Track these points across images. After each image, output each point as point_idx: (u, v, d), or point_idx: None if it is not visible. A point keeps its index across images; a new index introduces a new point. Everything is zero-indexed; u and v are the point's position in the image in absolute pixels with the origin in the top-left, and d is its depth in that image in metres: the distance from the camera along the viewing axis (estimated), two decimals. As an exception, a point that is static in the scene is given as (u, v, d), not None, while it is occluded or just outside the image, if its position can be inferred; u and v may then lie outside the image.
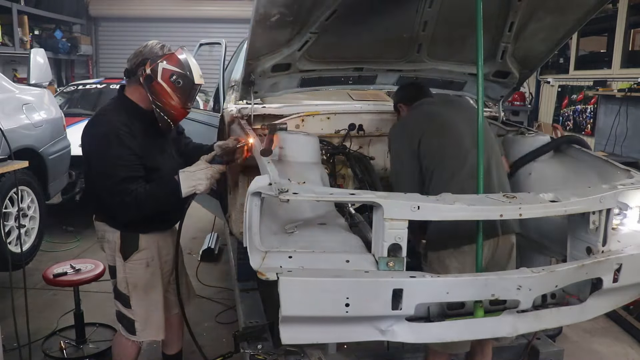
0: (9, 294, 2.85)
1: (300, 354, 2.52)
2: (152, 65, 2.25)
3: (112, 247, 2.40)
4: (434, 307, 1.90)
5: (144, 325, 2.44)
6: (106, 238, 2.42)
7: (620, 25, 5.81)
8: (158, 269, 2.46)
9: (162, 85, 2.26)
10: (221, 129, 3.50)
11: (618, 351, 3.45)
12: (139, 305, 2.42)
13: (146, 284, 2.42)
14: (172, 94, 2.28)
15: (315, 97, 4.03)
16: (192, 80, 2.32)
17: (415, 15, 2.70)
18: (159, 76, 2.26)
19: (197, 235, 5.54)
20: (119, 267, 2.40)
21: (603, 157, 2.55)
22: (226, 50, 4.13)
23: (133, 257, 2.38)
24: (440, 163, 2.27)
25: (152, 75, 2.25)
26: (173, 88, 2.28)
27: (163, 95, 2.28)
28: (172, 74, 2.27)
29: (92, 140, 2.28)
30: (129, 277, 2.39)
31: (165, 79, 2.26)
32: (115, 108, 2.35)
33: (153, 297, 2.45)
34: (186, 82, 2.30)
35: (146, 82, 2.26)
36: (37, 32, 10.97)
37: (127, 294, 2.41)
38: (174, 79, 2.27)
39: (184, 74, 2.29)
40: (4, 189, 3.92)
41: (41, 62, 4.94)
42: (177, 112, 2.33)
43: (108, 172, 2.20)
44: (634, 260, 2.02)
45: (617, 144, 5.76)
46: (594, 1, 2.59)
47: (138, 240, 2.38)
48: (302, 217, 2.05)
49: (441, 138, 2.31)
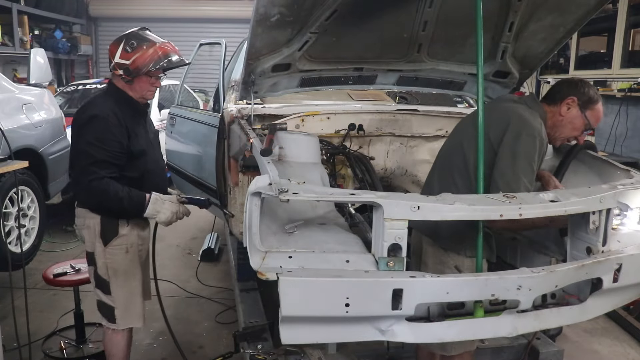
0: (9, 294, 2.86)
1: (300, 354, 2.52)
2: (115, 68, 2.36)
3: (92, 233, 2.43)
4: (434, 307, 1.90)
5: (123, 312, 2.46)
6: (86, 224, 2.44)
7: (620, 25, 5.81)
8: (137, 256, 2.50)
9: (134, 59, 2.32)
10: (221, 129, 3.50)
11: (618, 351, 3.45)
12: (119, 292, 2.44)
13: (126, 270, 2.45)
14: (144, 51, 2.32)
15: (315, 97, 4.04)
16: (133, 31, 2.39)
17: (415, 15, 2.70)
18: (125, 62, 2.32)
19: (197, 235, 5.54)
20: (98, 253, 2.43)
21: (603, 157, 2.55)
22: (226, 50, 4.13)
23: (113, 242, 2.41)
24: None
25: (125, 69, 2.33)
26: (138, 49, 2.32)
27: (145, 59, 2.32)
28: (124, 49, 2.32)
29: (79, 122, 2.34)
30: (109, 263, 2.42)
31: (128, 55, 2.32)
32: (104, 96, 2.43)
33: (132, 283, 2.48)
34: (133, 36, 2.36)
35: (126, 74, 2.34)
36: (37, 32, 10.98)
37: (107, 280, 2.44)
38: (129, 48, 2.32)
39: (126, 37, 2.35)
40: (4, 189, 3.92)
41: (41, 62, 4.94)
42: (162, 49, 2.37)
43: (85, 151, 2.26)
44: (634, 260, 2.02)
45: (617, 144, 5.76)
46: (594, 1, 2.59)
47: (118, 226, 2.42)
48: (302, 217, 2.05)
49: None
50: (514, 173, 2.05)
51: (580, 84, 2.28)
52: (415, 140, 3.73)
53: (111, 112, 2.31)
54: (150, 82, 2.41)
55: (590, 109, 2.23)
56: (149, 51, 2.34)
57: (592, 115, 2.24)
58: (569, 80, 2.35)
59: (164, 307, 2.94)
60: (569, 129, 2.27)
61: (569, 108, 2.24)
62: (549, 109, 2.27)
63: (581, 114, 2.23)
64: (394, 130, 3.66)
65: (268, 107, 3.62)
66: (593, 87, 2.28)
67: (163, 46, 2.38)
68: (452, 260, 2.20)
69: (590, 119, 2.24)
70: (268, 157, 2.17)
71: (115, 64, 2.35)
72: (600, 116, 2.27)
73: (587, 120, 2.23)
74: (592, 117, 2.24)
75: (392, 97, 4.84)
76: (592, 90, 2.26)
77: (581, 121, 2.24)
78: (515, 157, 2.06)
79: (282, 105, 3.68)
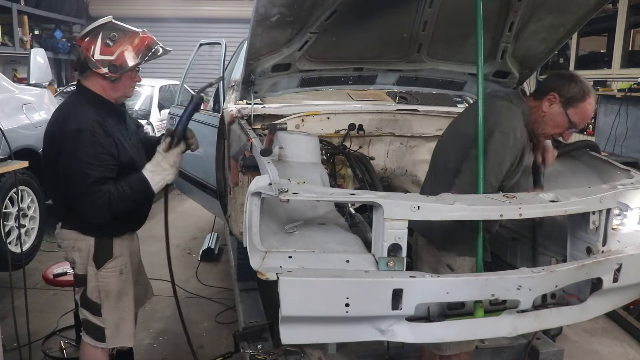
0: (9, 294, 2.86)
1: (300, 354, 2.52)
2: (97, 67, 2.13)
3: (83, 256, 2.26)
4: (434, 307, 1.90)
5: (114, 332, 2.32)
6: (77, 246, 2.26)
7: (620, 25, 5.81)
8: (130, 275, 2.36)
9: (118, 54, 2.12)
10: (221, 129, 3.50)
11: (618, 351, 3.45)
12: (110, 313, 2.30)
13: (119, 291, 2.31)
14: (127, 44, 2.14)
15: (315, 97, 4.04)
16: (109, 22, 2.18)
17: (415, 15, 2.70)
18: (108, 58, 2.11)
19: (197, 235, 5.54)
20: (90, 277, 2.26)
21: (603, 157, 2.55)
22: (226, 50, 4.13)
23: (107, 265, 2.26)
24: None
25: (108, 65, 2.12)
26: (119, 42, 2.13)
27: (129, 53, 2.13)
28: (103, 43, 2.11)
29: (62, 138, 2.11)
30: (101, 286, 2.27)
31: (109, 50, 2.11)
32: (82, 102, 2.19)
33: (125, 303, 2.34)
34: (112, 27, 2.16)
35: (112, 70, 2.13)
36: (37, 32, 10.98)
37: (98, 303, 2.28)
38: (110, 42, 2.12)
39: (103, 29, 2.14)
40: (4, 189, 3.92)
41: (41, 62, 4.94)
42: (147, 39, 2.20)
43: (80, 173, 2.07)
44: (634, 260, 2.02)
45: (617, 144, 5.76)
46: (594, 1, 2.59)
47: (112, 248, 2.27)
48: (302, 217, 2.05)
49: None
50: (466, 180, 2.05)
51: (567, 79, 2.15)
52: (415, 140, 3.73)
53: (95, 122, 2.11)
54: (133, 77, 2.23)
55: (574, 107, 2.10)
56: (135, 42, 2.14)
57: (575, 114, 2.11)
58: (558, 75, 2.25)
59: (164, 307, 2.93)
60: (551, 126, 2.16)
61: (550, 104, 2.13)
62: (534, 104, 2.19)
63: (563, 111, 2.11)
64: (394, 130, 3.66)
65: (268, 107, 3.62)
66: (583, 84, 2.13)
67: (146, 35, 2.20)
68: (445, 258, 2.22)
69: (573, 117, 2.11)
70: (268, 157, 2.17)
71: (96, 62, 2.11)
72: (586, 115, 2.13)
73: (569, 118, 2.12)
74: (575, 116, 2.11)
75: (392, 97, 4.84)
76: (580, 86, 2.11)
77: (563, 118, 2.13)
78: (485, 155, 2.04)
79: (282, 105, 3.68)
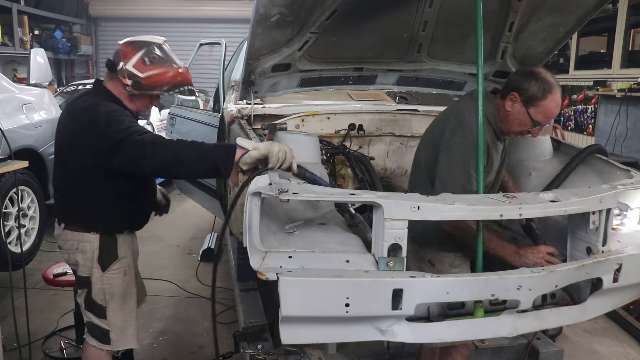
0: (9, 294, 2.85)
1: (300, 354, 2.52)
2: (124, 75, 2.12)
3: (87, 258, 2.23)
4: (434, 307, 1.90)
5: (119, 335, 2.31)
6: (80, 248, 2.24)
7: (620, 25, 5.81)
8: (133, 276, 2.38)
9: (149, 75, 2.12)
10: (221, 129, 3.50)
11: (618, 351, 3.45)
12: (116, 316, 2.29)
13: (123, 292, 2.31)
14: (162, 70, 2.13)
15: (315, 97, 4.04)
16: (159, 43, 2.18)
17: (415, 15, 2.70)
18: (138, 73, 2.11)
19: (197, 235, 5.54)
20: (95, 279, 2.24)
21: (603, 158, 2.54)
22: (226, 50, 4.13)
23: (112, 267, 2.25)
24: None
25: (134, 81, 2.13)
26: (156, 65, 2.13)
27: (159, 79, 2.13)
28: (141, 59, 2.11)
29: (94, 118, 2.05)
30: (106, 288, 2.26)
31: (143, 68, 2.11)
32: (104, 100, 2.17)
33: (129, 305, 2.34)
34: (158, 49, 2.16)
35: (136, 88, 2.14)
36: (37, 32, 11.00)
37: (103, 305, 2.26)
38: (147, 61, 2.12)
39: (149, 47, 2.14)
40: (4, 189, 3.92)
41: (41, 62, 4.94)
42: (181, 76, 2.18)
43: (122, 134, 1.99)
44: (634, 260, 2.02)
45: (617, 144, 5.76)
46: (594, 1, 2.59)
47: (117, 248, 2.26)
48: (302, 217, 2.05)
49: None
50: (449, 173, 2.11)
51: (528, 77, 2.11)
52: (415, 140, 3.72)
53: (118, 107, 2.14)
54: (150, 100, 2.25)
55: (535, 106, 2.08)
56: (169, 73, 2.14)
57: (536, 112, 2.09)
58: (521, 72, 2.24)
59: (163, 308, 2.93)
60: (516, 124, 2.16)
61: (512, 103, 2.13)
62: (500, 102, 2.19)
63: (524, 110, 2.10)
64: (394, 130, 3.66)
65: (268, 107, 3.63)
66: (544, 81, 2.08)
67: (183, 72, 2.20)
68: (426, 255, 2.26)
69: (535, 116, 2.09)
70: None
71: (125, 71, 2.11)
72: (548, 113, 2.10)
73: (531, 117, 2.10)
74: (538, 114, 2.09)
75: (392, 97, 4.84)
76: (540, 84, 2.07)
77: (526, 117, 2.12)
78: (450, 158, 2.10)
79: (282, 105, 3.69)
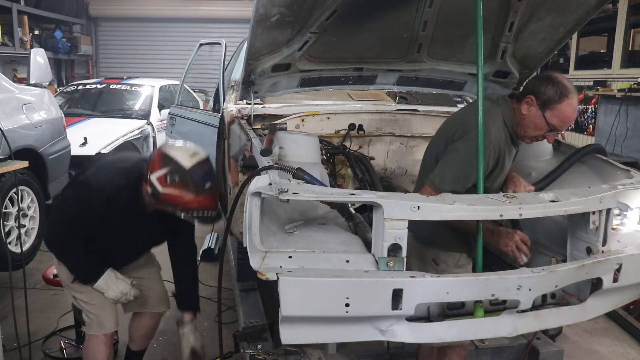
0: (9, 294, 2.86)
1: (300, 354, 2.52)
2: (147, 182, 2.17)
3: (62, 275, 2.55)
4: (434, 307, 1.90)
5: (97, 322, 2.47)
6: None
7: (620, 25, 5.82)
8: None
9: (166, 193, 2.14)
10: (221, 129, 3.50)
11: (618, 351, 3.45)
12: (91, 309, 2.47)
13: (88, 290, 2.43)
14: (178, 193, 2.13)
15: (315, 97, 4.04)
16: (184, 167, 2.12)
17: (415, 15, 2.70)
18: (158, 187, 2.14)
19: (197, 235, 5.49)
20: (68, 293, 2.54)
21: (603, 158, 2.54)
22: (226, 50, 4.13)
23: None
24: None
25: (154, 191, 2.15)
26: (175, 186, 2.13)
27: (175, 199, 2.14)
28: (164, 176, 2.13)
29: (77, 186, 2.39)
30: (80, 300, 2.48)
31: (163, 184, 2.13)
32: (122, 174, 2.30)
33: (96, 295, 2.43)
34: (180, 173, 2.12)
35: (154, 199, 2.18)
36: (37, 32, 11.00)
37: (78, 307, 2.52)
38: (168, 180, 2.12)
39: (174, 167, 2.13)
40: (4, 189, 3.92)
41: (41, 62, 4.93)
42: (196, 203, 2.15)
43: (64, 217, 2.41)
44: (634, 260, 2.02)
45: (617, 144, 5.76)
46: (594, 1, 2.59)
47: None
48: (302, 217, 2.05)
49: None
50: (440, 171, 2.13)
51: (545, 81, 2.12)
52: (415, 140, 3.73)
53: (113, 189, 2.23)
54: (164, 209, 2.23)
55: (550, 109, 2.08)
56: (186, 197, 2.13)
57: (552, 116, 2.08)
58: (538, 77, 2.25)
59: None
60: (532, 128, 2.16)
61: (529, 107, 2.13)
62: (516, 106, 2.19)
63: (540, 113, 2.10)
64: (394, 130, 3.66)
65: (268, 107, 3.62)
66: (561, 85, 2.08)
67: (201, 200, 2.16)
68: (430, 254, 2.26)
69: (551, 119, 2.09)
70: (268, 157, 2.17)
71: (149, 180, 2.15)
72: (564, 117, 2.09)
73: (547, 121, 2.10)
74: (553, 118, 2.09)
75: (392, 97, 4.84)
76: (557, 88, 2.08)
77: (541, 121, 2.11)
78: (457, 150, 2.12)
79: (282, 105, 3.68)
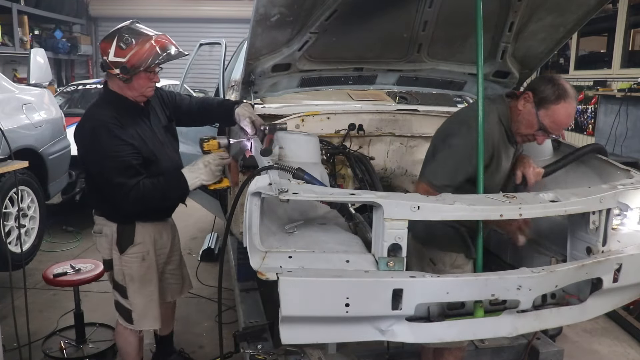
0: (9, 294, 2.86)
1: (300, 354, 2.52)
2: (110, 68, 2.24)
3: (108, 241, 2.44)
4: (434, 307, 1.90)
5: (140, 315, 2.50)
6: (104, 232, 2.45)
7: (620, 25, 5.82)
8: (154, 262, 2.51)
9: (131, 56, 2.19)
10: (221, 129, 3.50)
11: (618, 351, 3.45)
12: (136, 297, 2.47)
13: (142, 276, 2.46)
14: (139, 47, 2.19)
15: (315, 97, 4.04)
16: (126, 26, 2.24)
17: (415, 15, 2.70)
18: (121, 60, 2.19)
19: (197, 235, 5.54)
20: (115, 260, 2.45)
21: (603, 158, 2.54)
22: (226, 50, 4.13)
23: (129, 250, 2.42)
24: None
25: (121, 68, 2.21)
26: (131, 46, 2.18)
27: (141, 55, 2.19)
28: (118, 46, 2.18)
29: (82, 138, 2.29)
30: (125, 270, 2.44)
31: (123, 52, 2.19)
32: (101, 103, 2.35)
33: (149, 289, 2.50)
34: (127, 31, 2.22)
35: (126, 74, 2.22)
36: (37, 32, 11.00)
37: (124, 285, 2.46)
38: (123, 45, 2.18)
39: (119, 32, 2.20)
40: (4, 189, 3.92)
41: (41, 62, 4.94)
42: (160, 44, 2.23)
43: (104, 168, 2.22)
44: (634, 260, 2.02)
45: (617, 144, 5.76)
46: (594, 1, 2.59)
47: (134, 234, 2.42)
48: (302, 217, 2.05)
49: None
50: (433, 167, 2.17)
51: (546, 81, 2.10)
52: (415, 140, 3.73)
53: (110, 118, 2.24)
54: (149, 78, 2.30)
55: (545, 108, 2.06)
56: (146, 46, 2.20)
57: (545, 116, 2.07)
58: (541, 77, 2.26)
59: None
60: (524, 126, 2.14)
61: (525, 103, 2.12)
62: (514, 103, 2.19)
63: (534, 111, 2.08)
64: (394, 130, 3.65)
65: (268, 107, 3.62)
66: (560, 87, 2.06)
67: (159, 39, 2.26)
68: (428, 253, 2.27)
69: (543, 119, 2.07)
70: (268, 157, 2.17)
71: (109, 63, 2.22)
72: (557, 119, 2.07)
73: (538, 119, 2.08)
74: (546, 118, 2.07)
75: (392, 97, 4.84)
76: (555, 89, 2.05)
77: (534, 119, 2.09)
78: (443, 153, 2.15)
79: (282, 105, 3.68)
